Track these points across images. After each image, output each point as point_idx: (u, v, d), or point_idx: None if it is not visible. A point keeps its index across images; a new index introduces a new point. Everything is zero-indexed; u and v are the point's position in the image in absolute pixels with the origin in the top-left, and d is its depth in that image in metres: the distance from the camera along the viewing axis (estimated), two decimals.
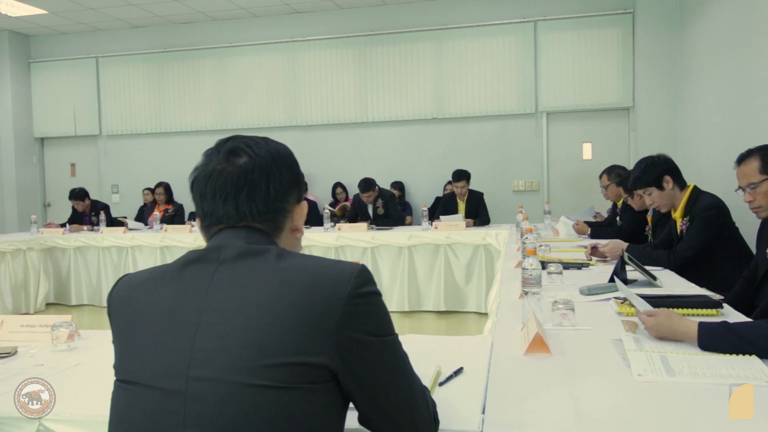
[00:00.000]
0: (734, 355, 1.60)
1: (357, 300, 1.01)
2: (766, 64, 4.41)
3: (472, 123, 7.93)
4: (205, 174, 1.13)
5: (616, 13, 7.40)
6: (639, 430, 1.22)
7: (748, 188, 2.59)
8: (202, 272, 1.06)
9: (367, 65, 8.17)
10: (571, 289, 2.57)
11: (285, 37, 8.36)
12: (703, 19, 6.07)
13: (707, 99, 6.00)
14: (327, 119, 8.33)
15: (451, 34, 7.90)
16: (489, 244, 5.65)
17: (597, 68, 7.52)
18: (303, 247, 3.08)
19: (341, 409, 1.06)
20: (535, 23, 7.65)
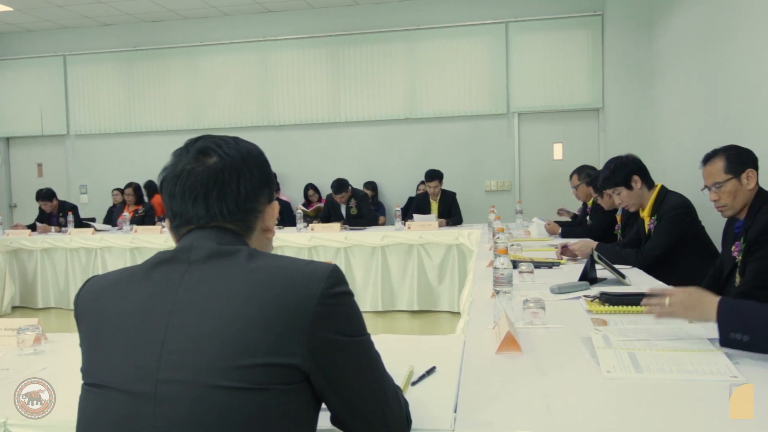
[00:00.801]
0: (699, 352, 1.63)
1: (329, 300, 1.01)
2: (732, 67, 4.51)
3: (444, 123, 7.97)
4: (174, 174, 1.12)
5: (585, 15, 7.50)
6: (608, 425, 1.24)
7: (714, 187, 2.65)
8: (171, 273, 1.05)
9: (340, 65, 8.16)
10: (542, 288, 2.60)
11: (257, 37, 8.31)
12: (671, 22, 6.18)
13: (675, 100, 6.11)
14: (299, 119, 8.30)
15: (423, 34, 7.93)
16: (462, 243, 5.68)
17: (567, 69, 7.61)
18: (275, 247, 3.04)
19: (313, 410, 1.06)
20: (506, 25, 7.72)
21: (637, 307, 2.14)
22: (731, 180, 2.60)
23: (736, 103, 4.45)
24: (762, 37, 3.99)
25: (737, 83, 4.42)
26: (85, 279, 1.16)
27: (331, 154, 8.26)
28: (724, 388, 1.39)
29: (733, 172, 2.60)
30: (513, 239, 4.35)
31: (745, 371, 1.48)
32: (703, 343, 1.72)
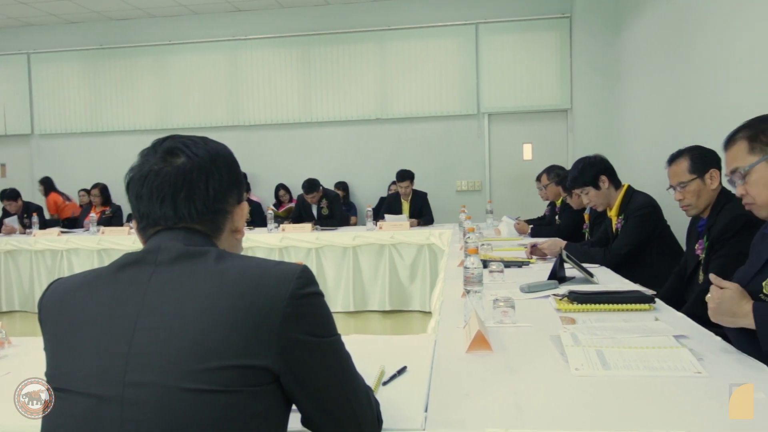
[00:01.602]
0: (666, 348, 1.66)
1: (299, 301, 1.01)
2: (697, 69, 4.60)
3: (415, 124, 7.99)
4: (141, 174, 1.10)
5: (554, 17, 7.60)
6: (576, 422, 1.25)
7: (679, 187, 2.70)
8: (138, 275, 1.03)
9: (311, 65, 8.13)
10: (512, 287, 2.62)
11: (226, 36, 8.24)
12: (637, 25, 6.28)
13: (641, 101, 6.21)
14: (270, 119, 8.26)
15: (394, 35, 7.94)
16: (433, 243, 5.71)
17: (536, 71, 7.70)
18: (245, 248, 3.02)
19: (284, 412, 1.05)
20: (476, 26, 7.77)
21: (605, 305, 2.18)
22: (695, 180, 2.65)
23: (699, 104, 4.55)
24: (724, 39, 4.08)
25: (701, 85, 4.52)
26: (50, 281, 1.14)
27: (302, 155, 8.23)
28: (688, 383, 1.43)
29: (697, 172, 2.65)
30: (483, 239, 4.39)
31: (708, 367, 1.52)
32: (668, 340, 1.75)
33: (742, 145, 1.83)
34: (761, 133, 1.79)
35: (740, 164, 1.83)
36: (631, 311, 2.15)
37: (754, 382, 1.41)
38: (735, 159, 1.86)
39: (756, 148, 1.80)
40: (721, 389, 1.39)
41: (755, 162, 1.79)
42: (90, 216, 6.94)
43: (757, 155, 1.80)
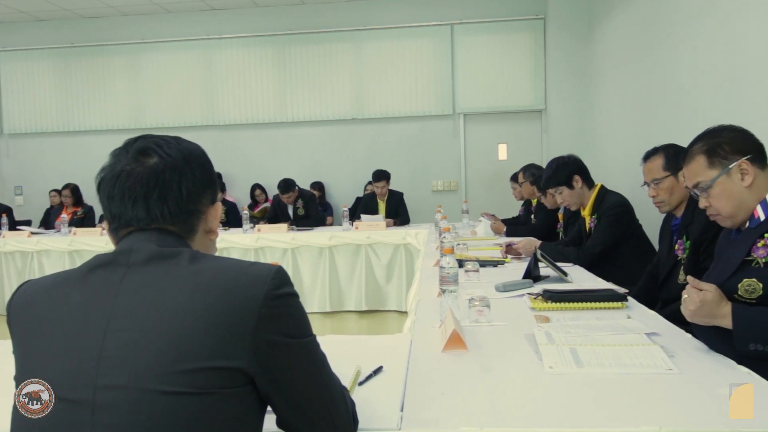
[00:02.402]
0: (638, 346, 1.68)
1: (274, 302, 1.00)
2: (668, 70, 4.67)
3: (391, 124, 8.00)
4: (112, 175, 1.08)
5: (528, 19, 7.66)
6: (550, 419, 1.27)
7: (653, 184, 2.74)
8: (110, 277, 1.02)
9: (286, 65, 8.10)
10: (487, 287, 2.64)
11: (201, 35, 8.16)
12: (609, 27, 6.36)
13: (613, 102, 6.30)
14: (245, 119, 8.20)
15: (370, 35, 7.94)
16: (409, 243, 5.72)
17: (511, 71, 7.75)
18: (220, 249, 2.98)
19: (258, 413, 1.04)
20: (451, 26, 7.81)
21: (579, 303, 2.20)
22: (669, 177, 2.69)
23: (670, 104, 4.62)
24: (694, 40, 4.15)
25: (671, 85, 4.59)
26: (20, 283, 1.11)
27: (278, 154, 8.19)
28: (660, 380, 1.46)
29: (671, 170, 2.69)
30: (459, 239, 4.41)
31: (679, 364, 1.54)
32: (640, 337, 1.78)
33: (701, 160, 1.87)
34: (718, 147, 1.83)
35: (702, 179, 1.87)
36: (604, 309, 2.18)
37: (724, 378, 1.45)
38: (696, 174, 1.89)
39: (715, 162, 1.84)
40: (692, 385, 1.42)
41: (716, 176, 1.83)
42: (61, 217, 6.83)
43: (717, 169, 1.83)
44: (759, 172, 1.80)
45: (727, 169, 1.81)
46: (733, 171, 1.80)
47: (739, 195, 1.80)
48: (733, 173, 1.81)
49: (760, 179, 1.79)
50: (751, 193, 1.79)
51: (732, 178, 1.81)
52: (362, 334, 5.28)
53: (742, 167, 1.80)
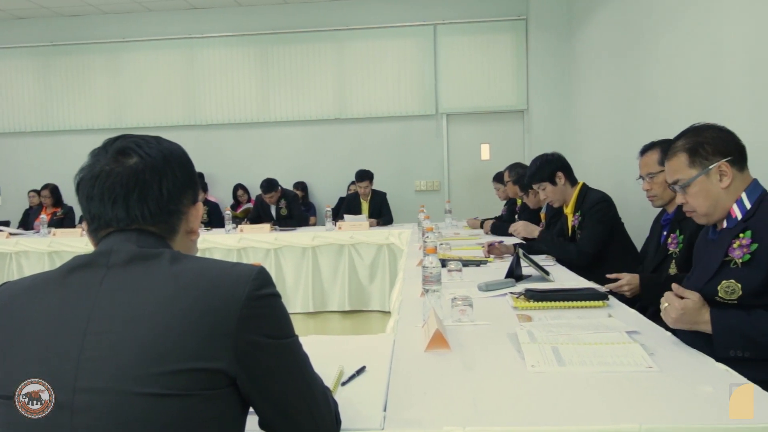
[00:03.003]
0: (619, 344, 1.70)
1: (256, 302, 1.00)
2: (648, 71, 4.72)
3: (374, 124, 8.00)
4: (92, 175, 1.07)
5: (510, 19, 7.70)
6: (532, 417, 1.27)
7: (647, 177, 2.76)
8: (89, 278, 1.01)
9: (269, 64, 8.07)
10: (470, 286, 2.65)
11: (182, 34, 8.11)
12: (590, 28, 6.41)
13: (594, 102, 6.35)
14: (227, 118, 8.16)
15: (352, 34, 7.94)
16: (392, 243, 5.72)
17: (493, 72, 7.79)
18: (203, 249, 2.96)
19: (240, 415, 1.04)
20: (434, 27, 7.83)
21: (560, 302, 2.22)
22: (663, 172, 2.69)
23: (650, 104, 4.67)
24: (674, 41, 4.20)
25: (651, 85, 4.64)
26: None
27: (261, 154, 8.16)
28: (640, 377, 1.47)
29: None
30: (442, 238, 4.42)
31: (659, 362, 1.56)
32: (621, 336, 1.79)
33: (682, 158, 1.90)
34: (700, 147, 1.86)
35: (681, 176, 1.90)
36: (586, 308, 2.19)
37: (703, 376, 1.47)
38: (676, 171, 1.92)
39: (696, 162, 1.86)
40: (672, 383, 1.43)
41: (695, 176, 1.86)
42: (40, 217, 6.74)
43: (697, 168, 1.86)
44: (737, 174, 1.83)
45: (706, 169, 1.83)
46: (713, 172, 1.83)
47: (716, 195, 1.84)
48: (712, 174, 1.83)
49: (738, 181, 1.83)
50: (727, 193, 1.83)
51: (710, 179, 1.84)
52: (345, 334, 5.27)
53: (721, 169, 1.82)
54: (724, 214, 1.85)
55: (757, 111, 3.15)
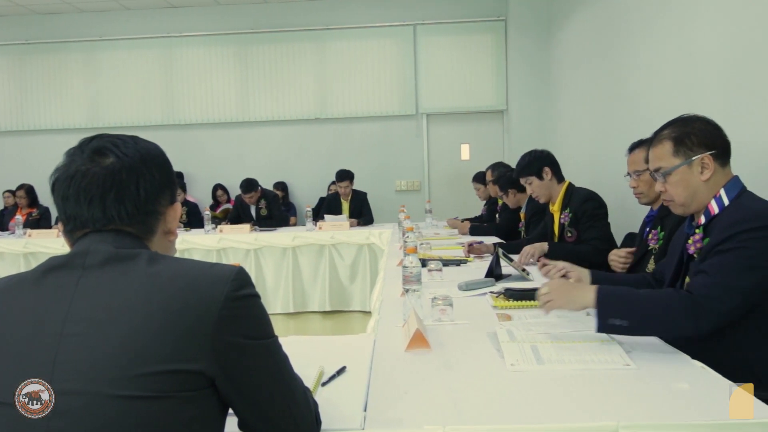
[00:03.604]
0: (597, 342, 1.72)
1: (234, 303, 0.99)
2: (625, 72, 4.77)
3: (354, 123, 8.00)
4: (67, 175, 1.06)
5: (489, 20, 7.74)
6: (511, 416, 1.28)
7: (635, 175, 2.79)
8: (65, 279, 0.99)
9: (248, 64, 8.03)
10: (450, 286, 2.65)
11: (161, 32, 8.03)
12: (568, 29, 6.47)
13: (573, 102, 6.40)
14: (206, 118, 8.10)
15: (333, 34, 7.93)
16: (373, 243, 5.72)
17: (473, 72, 7.83)
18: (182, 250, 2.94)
19: (219, 416, 1.03)
20: (414, 27, 7.84)
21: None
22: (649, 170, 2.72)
23: (627, 104, 4.72)
24: (651, 42, 4.25)
25: (629, 85, 4.69)
26: None
27: (240, 154, 8.12)
28: (618, 375, 1.49)
29: None
30: (422, 238, 4.43)
31: (637, 359, 1.58)
32: (599, 334, 1.81)
33: (668, 146, 1.89)
34: (686, 137, 1.86)
35: (664, 164, 1.90)
36: None
37: (679, 373, 1.49)
38: (660, 158, 1.92)
39: (680, 151, 1.87)
40: (649, 380, 1.45)
41: (678, 165, 1.87)
42: (15, 218, 6.63)
43: (680, 158, 1.87)
44: (718, 169, 1.85)
45: (689, 160, 1.85)
46: (695, 163, 1.85)
47: (695, 187, 1.86)
48: (694, 165, 1.85)
49: (718, 175, 1.85)
50: (707, 186, 1.84)
51: (692, 170, 1.86)
52: (326, 334, 5.27)
53: (704, 161, 1.84)
54: (701, 207, 1.87)
55: (731, 112, 3.19)
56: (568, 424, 1.23)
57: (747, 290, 1.66)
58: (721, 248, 1.71)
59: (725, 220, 1.77)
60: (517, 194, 4.55)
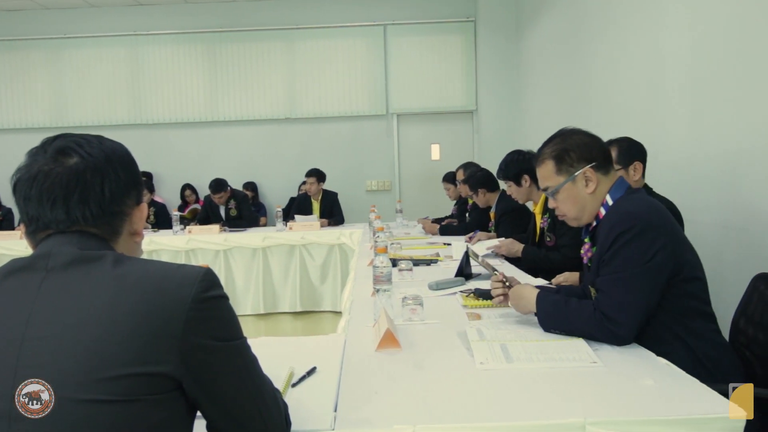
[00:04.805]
0: (564, 340, 1.74)
1: (202, 304, 0.98)
2: (594, 71, 4.84)
3: (325, 123, 7.98)
4: (29, 175, 1.03)
5: (459, 21, 7.78)
6: (481, 414, 1.29)
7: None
8: (27, 282, 0.97)
9: (217, 62, 7.95)
10: (420, 285, 2.67)
11: (127, 30, 7.91)
12: (536, 30, 6.54)
13: (541, 103, 6.48)
14: (174, 117, 8.00)
15: (302, 34, 7.89)
16: (343, 243, 5.72)
17: (443, 72, 7.87)
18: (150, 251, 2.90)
19: (188, 419, 1.02)
20: (384, 27, 7.85)
21: None
22: (620, 170, 2.75)
23: (595, 104, 4.80)
24: (617, 43, 4.32)
25: (596, 85, 4.76)
26: None
27: (209, 154, 8.03)
28: (585, 372, 1.51)
29: (623, 164, 2.76)
30: (393, 238, 4.44)
31: (603, 357, 1.60)
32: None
33: (549, 165, 1.96)
34: (565, 154, 1.92)
35: (550, 184, 1.97)
36: None
37: (644, 370, 1.51)
38: (546, 178, 1.99)
39: (562, 169, 1.93)
40: (615, 377, 1.48)
41: (562, 183, 1.93)
42: None
43: (563, 175, 1.93)
44: (602, 178, 1.90)
45: (572, 176, 1.91)
46: (578, 178, 1.90)
47: (583, 200, 1.92)
48: (578, 180, 1.91)
49: (603, 184, 1.91)
50: (593, 198, 1.91)
51: (577, 185, 1.91)
52: (297, 335, 5.24)
53: (586, 175, 1.90)
54: (593, 217, 1.93)
55: (695, 112, 3.27)
56: (536, 421, 1.25)
57: (642, 300, 1.71)
58: (605, 258, 1.78)
59: (604, 225, 1.84)
60: (487, 194, 4.57)
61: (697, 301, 1.79)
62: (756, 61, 2.74)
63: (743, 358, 1.87)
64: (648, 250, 1.71)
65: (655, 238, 1.72)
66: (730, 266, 2.92)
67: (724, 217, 3.02)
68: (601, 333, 1.71)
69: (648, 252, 1.71)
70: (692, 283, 1.78)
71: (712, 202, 3.10)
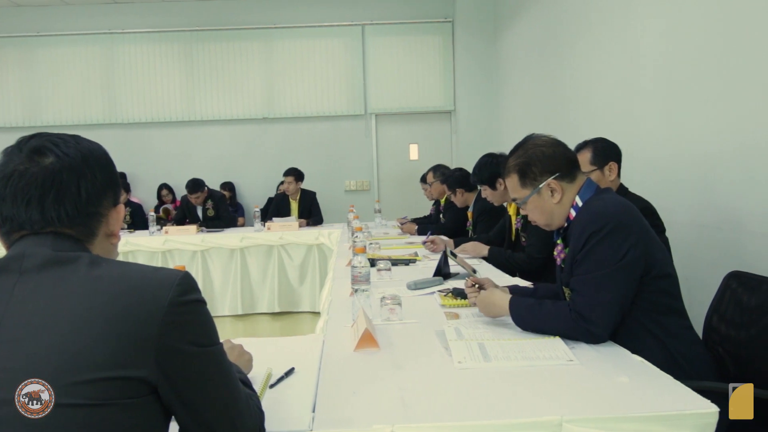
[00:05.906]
0: (541, 338, 1.76)
1: (179, 309, 0.97)
2: (569, 73, 4.89)
3: (303, 123, 7.96)
4: (4, 175, 1.01)
5: (437, 22, 7.81)
6: (459, 413, 1.30)
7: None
8: (0, 284, 0.96)
9: (194, 62, 7.88)
10: (399, 285, 2.67)
11: (102, 29, 7.81)
12: (514, 31, 6.59)
13: (519, 103, 6.53)
14: (151, 117, 7.92)
15: (280, 33, 7.86)
16: (322, 243, 5.71)
17: (421, 73, 7.89)
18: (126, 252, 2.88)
19: (161, 424, 1.00)
20: (362, 27, 7.85)
21: None
22: (595, 171, 2.78)
23: (572, 105, 4.85)
24: (595, 45, 4.37)
25: (572, 87, 4.81)
26: None
27: (186, 154, 7.97)
28: (562, 370, 1.53)
29: (598, 164, 2.79)
30: (371, 238, 4.44)
31: (580, 355, 1.62)
32: None
33: (515, 179, 1.98)
34: (528, 168, 1.93)
35: (517, 196, 2.00)
36: None
37: (620, 367, 1.53)
38: (512, 190, 2.02)
39: (527, 183, 1.95)
40: (591, 375, 1.49)
41: (528, 196, 1.95)
42: None
43: (528, 188, 1.95)
44: (568, 186, 1.92)
45: (537, 189, 1.93)
46: (543, 190, 1.93)
47: (550, 210, 1.94)
48: (543, 191, 1.93)
49: (570, 191, 1.93)
50: (561, 206, 1.93)
51: (543, 196, 1.93)
52: (275, 336, 5.22)
53: (551, 186, 1.92)
54: (563, 221, 1.96)
55: (670, 112, 3.32)
56: (514, 419, 1.26)
57: (616, 299, 1.73)
58: (578, 258, 1.80)
59: (576, 226, 1.86)
60: (465, 193, 4.59)
61: (669, 297, 1.82)
62: (729, 63, 2.79)
63: (716, 354, 1.91)
64: (620, 249, 1.73)
65: (626, 237, 1.74)
66: (704, 265, 2.97)
67: (698, 216, 3.07)
68: (578, 333, 1.73)
69: (620, 250, 1.73)
70: (664, 279, 1.81)
71: (687, 201, 3.15)
